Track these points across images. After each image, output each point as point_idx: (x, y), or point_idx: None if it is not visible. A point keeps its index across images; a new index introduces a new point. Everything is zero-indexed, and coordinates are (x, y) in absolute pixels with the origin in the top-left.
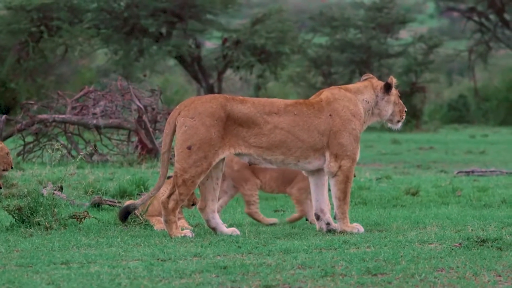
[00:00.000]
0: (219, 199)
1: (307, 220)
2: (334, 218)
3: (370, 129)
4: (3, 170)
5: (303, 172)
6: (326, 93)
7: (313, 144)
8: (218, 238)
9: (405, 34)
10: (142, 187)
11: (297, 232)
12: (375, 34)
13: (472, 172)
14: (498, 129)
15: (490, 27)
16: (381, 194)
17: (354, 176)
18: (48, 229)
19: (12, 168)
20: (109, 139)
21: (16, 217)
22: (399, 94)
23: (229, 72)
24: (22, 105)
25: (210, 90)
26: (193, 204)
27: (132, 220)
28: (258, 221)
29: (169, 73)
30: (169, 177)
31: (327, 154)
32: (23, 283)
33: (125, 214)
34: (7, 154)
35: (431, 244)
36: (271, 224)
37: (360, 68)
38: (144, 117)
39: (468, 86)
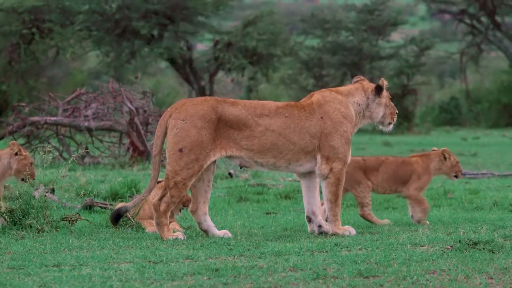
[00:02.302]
0: (368, 204)
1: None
2: (326, 221)
3: (361, 131)
4: (22, 179)
5: (295, 175)
6: (317, 96)
7: (304, 147)
8: (209, 240)
9: (396, 37)
10: (133, 189)
11: (289, 235)
12: (367, 37)
13: (464, 174)
14: (489, 131)
15: (482, 29)
16: (372, 197)
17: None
18: (40, 232)
19: (34, 179)
20: (101, 141)
21: (8, 220)
22: (390, 96)
23: (220, 74)
24: (13, 107)
25: (201, 92)
26: (181, 208)
27: (124, 223)
28: (372, 222)
29: (161, 75)
30: (159, 182)
31: (319, 157)
32: (15, 286)
33: (117, 217)
34: (31, 164)
35: (422, 246)
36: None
37: (351, 70)
38: (136, 119)
39: (460, 88)
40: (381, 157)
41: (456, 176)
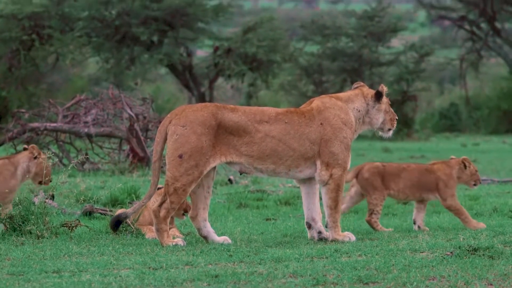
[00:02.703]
0: (378, 212)
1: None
2: (326, 227)
3: (361, 137)
4: (40, 182)
5: (295, 181)
6: (317, 102)
7: (304, 153)
8: (209, 246)
9: (396, 43)
10: (133, 195)
11: (289, 241)
12: (367, 43)
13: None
14: (489, 137)
15: (481, 36)
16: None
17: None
18: (40, 238)
19: (51, 181)
20: (101, 147)
21: (7, 226)
22: (389, 103)
23: (220, 80)
24: (13, 113)
25: (201, 98)
26: (184, 213)
27: (124, 229)
28: (376, 230)
29: (161, 81)
30: (159, 188)
31: (318, 163)
32: None
33: (117, 223)
34: (48, 168)
35: (422, 252)
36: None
37: (351, 76)
38: (136, 126)
39: (460, 94)
40: (403, 164)
41: (475, 184)
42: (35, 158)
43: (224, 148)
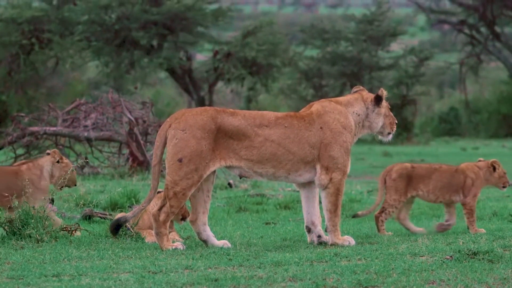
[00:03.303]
0: (389, 212)
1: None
2: (325, 231)
3: (361, 141)
4: (66, 186)
5: (295, 185)
6: (316, 106)
7: (303, 157)
8: (209, 250)
9: (396, 47)
10: (133, 199)
11: (288, 245)
12: (366, 47)
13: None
14: (489, 141)
15: (481, 40)
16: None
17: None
18: (39, 242)
19: (75, 185)
20: (100, 151)
21: (7, 230)
22: (389, 106)
23: (220, 84)
24: (13, 117)
25: (201, 102)
26: (183, 219)
27: (123, 233)
28: (378, 229)
29: (160, 85)
30: (159, 192)
31: (318, 167)
32: None
33: (116, 227)
34: (72, 171)
35: (422, 256)
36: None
37: (351, 80)
38: (135, 130)
39: (459, 98)
40: (434, 165)
41: (504, 187)
42: (58, 162)
43: (223, 152)
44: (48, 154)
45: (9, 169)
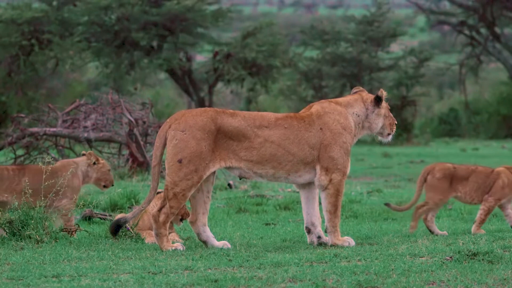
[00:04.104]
0: (429, 209)
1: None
2: (325, 232)
3: (361, 142)
4: (104, 186)
5: (294, 186)
6: (316, 107)
7: (303, 158)
8: (209, 251)
9: (396, 48)
10: (133, 200)
11: (288, 246)
12: (366, 48)
13: None
14: (488, 142)
15: (481, 41)
16: (372, 208)
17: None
18: (39, 242)
19: (113, 185)
20: (100, 152)
21: (7, 230)
22: (389, 107)
23: (220, 85)
24: (13, 118)
25: (201, 103)
26: (181, 220)
27: (123, 234)
28: (430, 231)
29: (160, 86)
30: (158, 192)
31: (318, 168)
32: None
33: (116, 228)
34: (109, 171)
35: (422, 257)
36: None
37: (351, 81)
38: (135, 130)
39: (459, 99)
40: (471, 166)
41: None
42: (94, 164)
43: (223, 153)
44: (84, 155)
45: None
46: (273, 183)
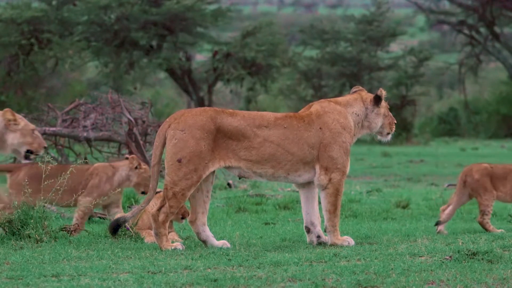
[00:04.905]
0: (448, 205)
1: None
2: (325, 231)
3: (360, 142)
4: (142, 192)
5: (294, 185)
6: (316, 106)
7: (303, 157)
8: (208, 250)
9: (395, 47)
10: (132, 199)
11: (288, 245)
12: (366, 47)
13: None
14: (488, 142)
15: (481, 40)
16: (371, 207)
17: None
18: (39, 242)
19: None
20: (100, 151)
21: (6, 230)
22: (388, 107)
23: (219, 85)
24: None
25: (200, 103)
26: (182, 218)
27: (123, 233)
28: (488, 231)
29: (160, 85)
30: (158, 192)
31: (317, 167)
32: None
33: (116, 227)
34: (149, 177)
35: (421, 257)
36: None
37: (350, 81)
38: (135, 130)
39: (459, 99)
40: (509, 166)
41: None
42: (136, 168)
43: (223, 152)
44: (127, 159)
45: (83, 167)
46: (272, 182)
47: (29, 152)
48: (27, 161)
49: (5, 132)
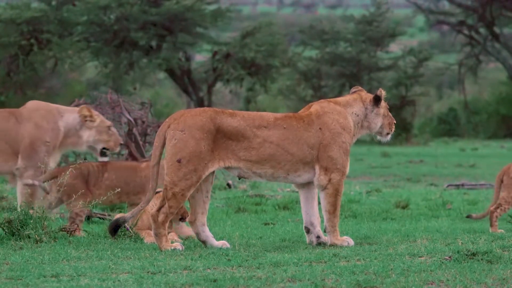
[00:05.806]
0: (505, 209)
1: None
2: (324, 231)
3: (360, 142)
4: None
5: (294, 185)
6: (315, 107)
7: (302, 158)
8: (208, 251)
9: (395, 48)
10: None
11: (287, 245)
12: (365, 47)
13: (462, 185)
14: (488, 142)
15: (480, 41)
16: (371, 207)
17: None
18: (38, 242)
19: None
20: None
21: (6, 230)
22: (388, 107)
23: (219, 85)
24: None
25: (200, 103)
26: (181, 219)
27: (122, 233)
28: (491, 226)
29: (159, 86)
30: (157, 192)
31: (317, 167)
32: None
33: (115, 227)
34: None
35: (421, 257)
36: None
37: (350, 81)
38: (134, 130)
39: (458, 99)
40: None
41: None
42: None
43: (222, 153)
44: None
45: (128, 165)
46: (272, 183)
47: (105, 149)
48: (104, 159)
49: (80, 129)
